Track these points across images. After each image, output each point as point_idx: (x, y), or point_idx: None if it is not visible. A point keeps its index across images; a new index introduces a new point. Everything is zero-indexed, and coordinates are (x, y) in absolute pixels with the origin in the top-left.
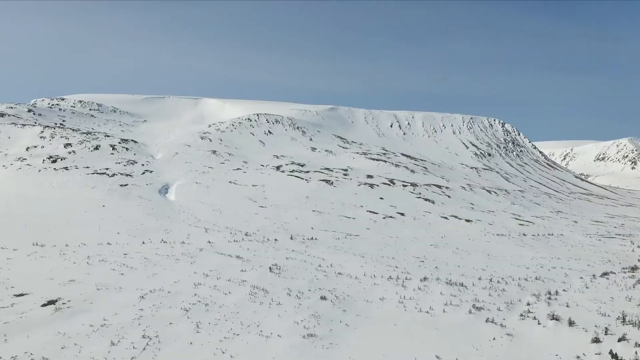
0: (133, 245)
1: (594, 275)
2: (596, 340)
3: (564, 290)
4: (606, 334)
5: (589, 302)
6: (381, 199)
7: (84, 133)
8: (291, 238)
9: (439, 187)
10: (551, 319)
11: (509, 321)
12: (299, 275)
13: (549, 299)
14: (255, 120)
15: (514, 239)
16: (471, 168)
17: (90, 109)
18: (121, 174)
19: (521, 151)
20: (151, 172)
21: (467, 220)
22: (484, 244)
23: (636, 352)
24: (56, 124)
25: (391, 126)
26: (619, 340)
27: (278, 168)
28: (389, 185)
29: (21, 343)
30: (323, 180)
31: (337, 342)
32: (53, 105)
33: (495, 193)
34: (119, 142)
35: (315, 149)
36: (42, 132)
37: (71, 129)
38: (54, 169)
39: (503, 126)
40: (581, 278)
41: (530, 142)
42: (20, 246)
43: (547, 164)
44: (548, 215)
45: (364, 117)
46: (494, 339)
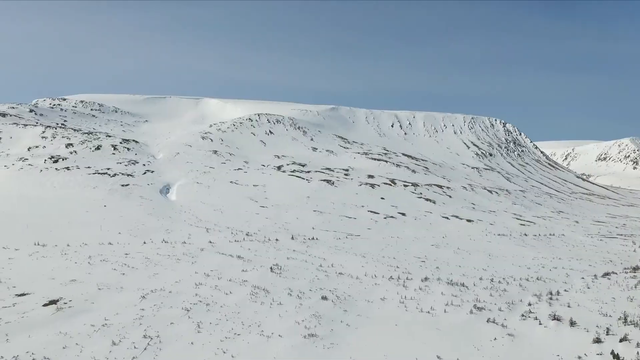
0: (134, 245)
1: (595, 276)
2: (597, 341)
3: (565, 291)
4: (608, 334)
5: (591, 302)
6: (382, 199)
7: (86, 133)
8: (292, 238)
9: (440, 187)
10: (552, 319)
11: (510, 321)
12: (300, 275)
13: (550, 299)
14: (257, 120)
15: (515, 239)
16: (472, 168)
17: (92, 109)
18: (122, 174)
19: (522, 151)
20: (152, 172)
21: (469, 220)
22: (485, 244)
23: (638, 353)
24: (57, 124)
25: (392, 126)
26: (620, 341)
27: (279, 168)
28: (390, 185)
29: (23, 343)
30: (324, 180)
31: (338, 342)
32: (54, 105)
33: (497, 193)
34: (121, 142)
35: (316, 149)
36: (43, 132)
37: (72, 129)
38: (56, 169)
39: (504, 126)
40: (582, 278)
41: (531, 142)
42: (22, 246)
43: (549, 164)
44: (549, 216)
45: (365, 117)
46: (495, 339)
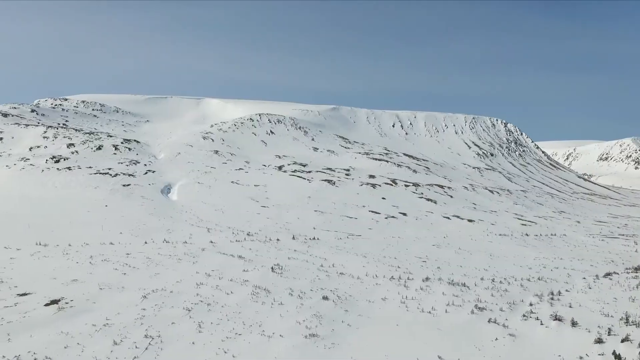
0: (135, 245)
1: (597, 276)
2: (599, 341)
3: (566, 291)
4: (609, 334)
5: (592, 302)
6: (383, 199)
7: (87, 133)
8: (293, 238)
9: (441, 187)
10: (554, 320)
11: (511, 321)
12: (301, 275)
13: (552, 299)
14: (258, 120)
15: (516, 239)
16: (473, 168)
17: (93, 109)
18: (124, 174)
19: (524, 151)
20: (154, 172)
21: (470, 220)
22: (486, 244)
23: (639, 353)
24: (59, 124)
25: (393, 126)
26: (622, 341)
27: (280, 168)
28: (391, 185)
29: (24, 342)
30: (325, 180)
31: (339, 342)
32: (56, 105)
33: (498, 193)
34: (122, 142)
35: (318, 149)
36: (45, 132)
37: (74, 129)
38: (57, 169)
39: (505, 126)
40: (584, 278)
41: (532, 142)
42: (24, 246)
43: (550, 163)
44: (551, 216)
45: (366, 117)
46: (497, 339)
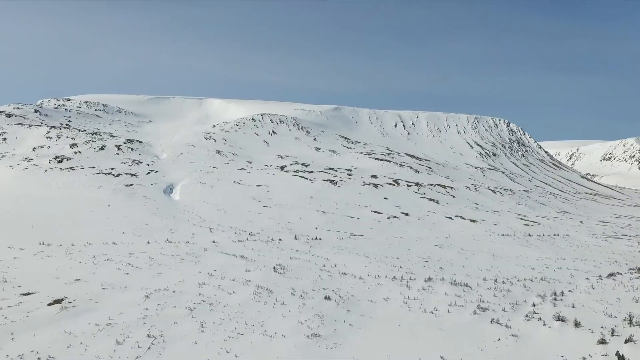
0: (138, 245)
1: (600, 276)
2: (602, 342)
3: (569, 291)
4: (612, 335)
5: (595, 303)
6: (385, 199)
7: (90, 133)
8: (295, 238)
9: (444, 187)
10: (557, 320)
11: (514, 322)
12: (303, 275)
13: (555, 299)
14: (260, 121)
15: (519, 240)
16: (476, 168)
17: (96, 110)
18: (126, 174)
19: (526, 151)
20: (156, 172)
21: (472, 221)
22: (488, 244)
23: None
24: (62, 124)
25: (395, 126)
26: (625, 342)
27: (282, 168)
28: (393, 185)
29: (28, 341)
30: (327, 180)
31: (341, 342)
32: (59, 105)
33: (500, 193)
34: (124, 143)
35: (320, 149)
36: (48, 132)
37: (77, 129)
38: (60, 169)
39: (508, 126)
40: (587, 279)
41: (535, 141)
42: (27, 245)
43: (553, 163)
44: (554, 216)
45: (368, 117)
46: (499, 339)
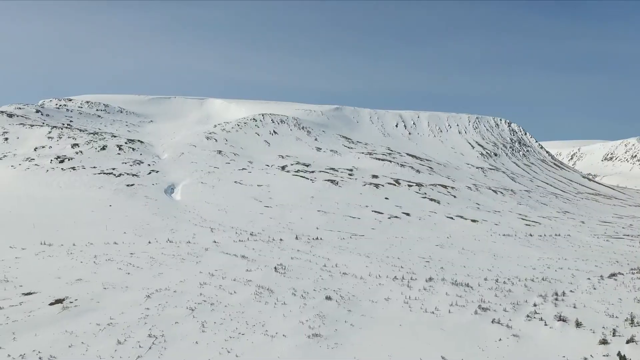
0: (139, 245)
1: (601, 276)
2: (604, 342)
3: (571, 291)
4: (614, 335)
5: (597, 303)
6: (386, 199)
7: (91, 133)
8: (296, 238)
9: (445, 187)
10: (558, 320)
11: (515, 322)
12: (304, 275)
13: (556, 299)
14: (261, 121)
15: (520, 240)
16: (477, 168)
17: (97, 110)
18: (128, 174)
19: (528, 151)
20: (157, 172)
21: (473, 221)
22: (490, 244)
23: None
24: (63, 124)
25: (396, 126)
26: (627, 342)
27: (283, 168)
28: (395, 185)
29: (29, 341)
30: (328, 180)
31: (342, 342)
32: (60, 105)
33: (502, 193)
34: (126, 142)
35: (321, 149)
36: (49, 132)
37: (78, 129)
38: (62, 169)
39: (509, 126)
40: (589, 279)
41: (536, 141)
42: (29, 245)
43: (554, 163)
44: (555, 216)
45: (369, 117)
46: (500, 339)
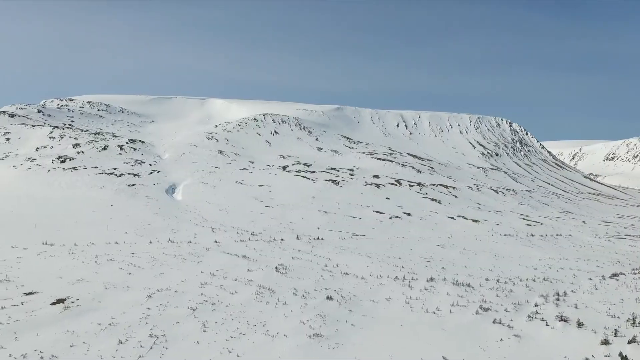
0: (140, 245)
1: (603, 277)
2: (605, 342)
3: (572, 292)
4: (616, 335)
5: (598, 303)
6: (387, 199)
7: (93, 133)
8: (297, 238)
9: (446, 187)
10: (559, 320)
11: (516, 322)
12: (305, 275)
13: (558, 300)
14: (262, 121)
15: (521, 240)
16: (478, 168)
17: (99, 110)
18: (129, 174)
19: (529, 151)
20: (158, 172)
21: (474, 221)
22: (491, 245)
23: None
24: (65, 124)
25: (397, 126)
26: (629, 342)
27: (284, 168)
28: (396, 185)
29: (31, 341)
30: (329, 180)
31: (343, 342)
32: (62, 106)
33: (503, 193)
34: (127, 143)
35: (322, 148)
36: (51, 132)
37: (80, 129)
38: (63, 169)
39: (510, 126)
40: (590, 279)
41: (538, 141)
42: (30, 245)
43: (556, 163)
44: (556, 216)
45: (370, 117)
46: (502, 340)
